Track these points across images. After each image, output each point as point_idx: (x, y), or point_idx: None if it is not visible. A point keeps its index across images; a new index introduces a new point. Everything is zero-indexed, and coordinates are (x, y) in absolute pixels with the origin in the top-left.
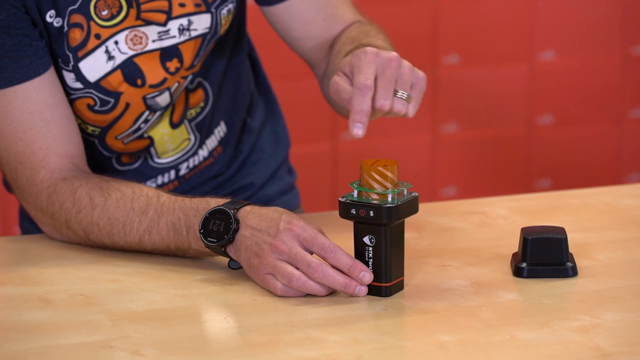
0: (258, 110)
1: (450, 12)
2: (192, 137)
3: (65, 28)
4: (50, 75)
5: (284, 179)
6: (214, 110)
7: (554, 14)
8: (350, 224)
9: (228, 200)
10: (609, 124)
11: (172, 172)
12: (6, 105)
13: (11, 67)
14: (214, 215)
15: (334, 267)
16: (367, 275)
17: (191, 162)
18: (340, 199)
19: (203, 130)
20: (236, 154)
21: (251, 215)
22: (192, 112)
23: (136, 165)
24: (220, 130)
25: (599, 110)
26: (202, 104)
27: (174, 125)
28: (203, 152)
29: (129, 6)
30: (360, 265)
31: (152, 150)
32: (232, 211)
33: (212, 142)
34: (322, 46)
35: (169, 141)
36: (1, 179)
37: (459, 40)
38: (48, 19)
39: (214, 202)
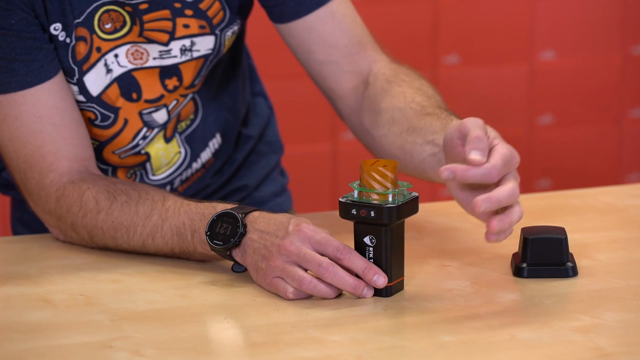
0: (254, 119)
1: (450, 12)
2: (183, 151)
3: (73, 42)
4: (59, 78)
5: (277, 181)
6: (205, 123)
7: (554, 14)
8: (350, 224)
9: (236, 205)
10: (609, 124)
11: (167, 188)
12: (16, 109)
13: (23, 70)
14: (221, 218)
15: (346, 269)
16: (381, 279)
17: (184, 175)
18: (340, 199)
19: (194, 143)
20: (229, 161)
21: (260, 219)
22: (182, 125)
23: None
24: (215, 142)
25: (599, 110)
26: (191, 116)
27: (167, 140)
28: (196, 165)
29: (133, 23)
30: (374, 267)
31: (147, 165)
32: (240, 215)
33: (206, 155)
34: (345, 74)
35: (163, 156)
36: None
37: (459, 40)
38: (53, 32)
39: (221, 207)
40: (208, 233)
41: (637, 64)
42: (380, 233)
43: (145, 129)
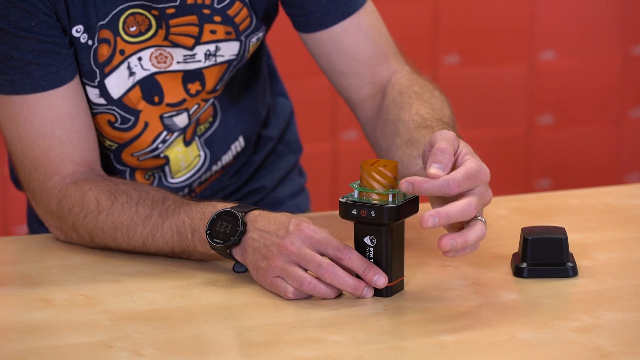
0: (274, 120)
1: (450, 12)
2: (202, 154)
3: (95, 44)
4: (75, 83)
5: (295, 181)
6: (226, 126)
7: (554, 14)
8: (350, 224)
9: (236, 204)
10: (609, 124)
11: (186, 190)
12: (27, 110)
13: (37, 73)
14: (221, 216)
15: (346, 269)
16: (382, 279)
17: (203, 177)
18: (340, 199)
19: (214, 146)
20: (248, 162)
21: (260, 219)
22: (201, 128)
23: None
24: (238, 145)
25: (599, 110)
26: (210, 119)
27: (186, 143)
28: (216, 167)
29: (159, 26)
30: (374, 267)
31: (166, 169)
32: (240, 214)
33: (227, 158)
34: (366, 85)
35: (183, 159)
36: (8, 175)
37: (459, 40)
38: (74, 34)
39: (221, 206)
40: (208, 232)
41: (637, 64)
42: (381, 233)
43: (165, 133)
